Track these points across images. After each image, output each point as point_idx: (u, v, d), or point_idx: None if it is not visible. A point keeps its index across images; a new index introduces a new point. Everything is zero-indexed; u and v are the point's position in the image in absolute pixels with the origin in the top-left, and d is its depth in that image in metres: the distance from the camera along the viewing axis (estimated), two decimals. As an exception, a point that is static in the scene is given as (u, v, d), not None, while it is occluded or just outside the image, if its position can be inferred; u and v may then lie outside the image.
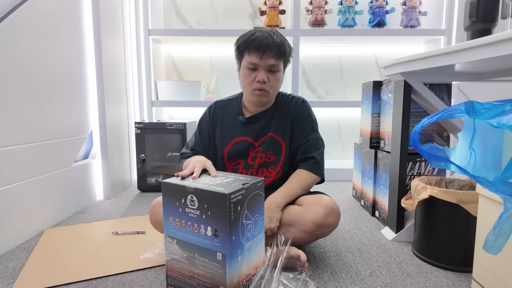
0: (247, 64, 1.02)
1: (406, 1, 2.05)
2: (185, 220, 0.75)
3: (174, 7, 2.30)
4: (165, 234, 0.79)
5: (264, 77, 1.01)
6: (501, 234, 0.59)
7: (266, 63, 1.00)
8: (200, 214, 0.73)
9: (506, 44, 0.72)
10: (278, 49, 1.00)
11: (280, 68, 1.04)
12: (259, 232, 0.81)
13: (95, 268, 0.96)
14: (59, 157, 1.39)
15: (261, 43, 0.98)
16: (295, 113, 1.12)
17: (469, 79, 1.21)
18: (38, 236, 1.21)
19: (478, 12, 0.95)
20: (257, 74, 1.01)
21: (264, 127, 1.11)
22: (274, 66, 1.01)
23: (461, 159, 0.76)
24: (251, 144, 1.10)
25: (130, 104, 2.02)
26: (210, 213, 0.71)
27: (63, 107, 1.41)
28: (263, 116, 1.11)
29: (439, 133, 1.31)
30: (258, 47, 0.99)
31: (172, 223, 0.78)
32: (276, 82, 1.05)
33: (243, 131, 1.11)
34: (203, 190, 0.72)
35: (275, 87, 1.06)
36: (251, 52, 1.00)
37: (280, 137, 1.11)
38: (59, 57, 1.38)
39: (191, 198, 0.74)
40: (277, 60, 1.01)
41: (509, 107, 0.67)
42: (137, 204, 1.63)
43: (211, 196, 0.71)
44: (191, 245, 0.75)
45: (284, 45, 1.03)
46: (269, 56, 0.99)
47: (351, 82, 2.37)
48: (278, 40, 1.01)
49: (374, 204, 1.47)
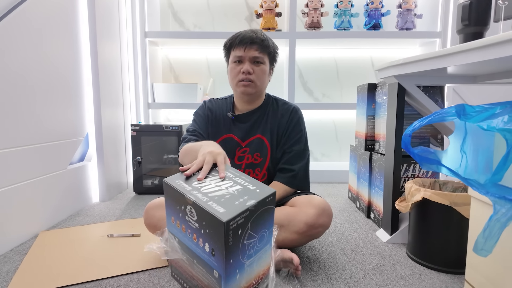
0: (233, 58, 1.08)
1: (402, 3, 2.06)
2: (185, 226, 0.72)
3: (171, 9, 2.31)
4: (168, 230, 0.77)
5: (249, 68, 1.06)
6: (491, 236, 0.60)
7: (250, 54, 1.05)
8: (198, 228, 0.67)
9: (497, 47, 0.73)
10: (262, 42, 1.06)
11: (265, 61, 1.08)
12: (265, 245, 0.74)
13: (89, 271, 0.96)
14: (55, 159, 1.39)
15: (244, 37, 1.06)
16: (284, 119, 1.14)
17: (462, 82, 1.22)
18: (32, 239, 1.21)
19: (470, 15, 0.96)
20: (242, 66, 1.07)
21: (252, 127, 1.13)
22: (257, 57, 1.06)
23: (452, 161, 0.77)
24: (238, 143, 1.12)
25: (127, 106, 2.02)
26: (208, 232, 0.65)
27: (58, 109, 1.41)
28: (252, 116, 1.13)
29: (433, 135, 1.31)
30: (241, 41, 1.05)
31: (173, 223, 0.75)
32: (261, 74, 1.08)
33: (231, 129, 1.13)
34: (201, 208, 0.65)
35: (261, 79, 1.09)
36: (235, 47, 1.07)
37: (267, 140, 1.12)
38: (54, 59, 1.38)
39: (190, 209, 0.68)
40: (260, 53, 1.06)
41: (499, 110, 0.68)
42: (133, 207, 1.63)
43: (209, 217, 0.63)
44: (190, 251, 0.72)
45: (267, 40, 1.09)
46: (253, 49, 1.05)
47: (347, 85, 2.38)
48: (261, 35, 1.08)
49: (369, 206, 1.47)
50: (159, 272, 0.96)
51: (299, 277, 0.93)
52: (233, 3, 2.30)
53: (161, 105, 2.12)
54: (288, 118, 1.14)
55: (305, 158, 1.12)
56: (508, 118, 0.63)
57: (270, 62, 1.12)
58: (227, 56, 1.13)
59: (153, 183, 1.88)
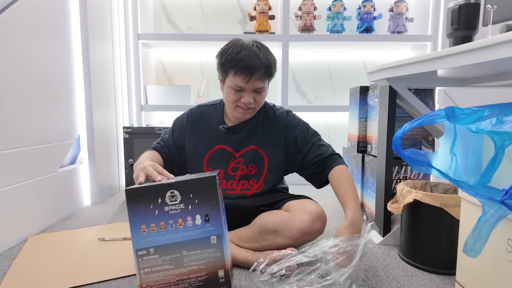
0: (232, 85, 0.97)
1: (393, 7, 2.09)
2: (164, 221, 0.74)
3: (164, 11, 2.30)
4: (136, 248, 0.75)
5: (250, 99, 0.98)
6: (480, 237, 0.61)
7: (253, 86, 0.97)
8: (184, 206, 0.74)
9: (486, 51, 0.74)
10: (265, 70, 0.96)
11: (266, 87, 1.02)
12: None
13: (79, 276, 0.95)
14: (45, 162, 1.37)
15: (248, 66, 0.93)
16: (283, 128, 1.09)
17: (453, 85, 1.23)
18: (21, 244, 1.19)
19: (460, 19, 0.98)
20: (242, 95, 0.98)
21: (245, 138, 1.08)
22: (260, 88, 0.99)
23: (442, 163, 0.78)
24: (232, 154, 1.08)
25: (119, 109, 2.01)
26: (198, 201, 0.73)
27: (49, 111, 1.39)
28: (245, 127, 1.08)
29: (424, 137, 1.33)
30: (245, 70, 0.93)
31: (145, 232, 0.75)
32: (261, 100, 1.03)
33: (224, 140, 1.08)
34: (185, 181, 0.74)
35: (261, 104, 1.05)
36: (237, 75, 0.95)
37: (263, 151, 1.08)
38: (45, 60, 1.37)
39: (171, 193, 0.74)
40: (263, 82, 0.98)
41: (487, 112, 0.69)
42: (125, 210, 1.61)
43: (198, 183, 0.74)
44: (175, 245, 0.74)
45: (271, 65, 0.98)
46: (256, 79, 0.96)
47: (340, 87, 2.40)
48: (265, 60, 0.96)
49: (362, 208, 1.48)
50: None
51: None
52: (226, 6, 2.30)
53: (154, 107, 2.11)
54: (286, 125, 1.09)
55: (328, 145, 1.12)
56: (496, 121, 0.64)
57: (269, 80, 1.04)
58: (223, 75, 1.01)
59: (146, 185, 1.86)
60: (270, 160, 1.09)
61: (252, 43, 0.99)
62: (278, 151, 1.09)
